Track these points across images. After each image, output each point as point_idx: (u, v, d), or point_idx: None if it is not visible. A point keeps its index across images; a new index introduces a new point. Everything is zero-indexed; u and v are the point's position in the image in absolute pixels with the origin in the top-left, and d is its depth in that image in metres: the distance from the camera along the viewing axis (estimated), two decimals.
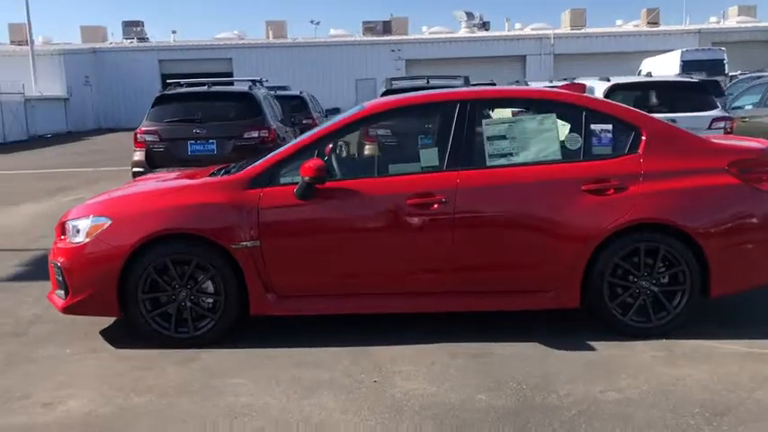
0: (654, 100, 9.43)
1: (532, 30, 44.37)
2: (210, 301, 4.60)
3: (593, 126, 4.66)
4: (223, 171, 5.01)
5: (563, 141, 4.66)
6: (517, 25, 49.83)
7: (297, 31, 65.10)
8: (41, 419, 3.64)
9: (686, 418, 3.45)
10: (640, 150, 4.60)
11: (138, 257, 4.50)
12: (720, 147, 4.78)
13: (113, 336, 4.85)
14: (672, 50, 29.79)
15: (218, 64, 39.99)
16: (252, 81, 10.31)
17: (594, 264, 4.50)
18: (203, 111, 9.49)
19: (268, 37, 45.09)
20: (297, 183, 4.51)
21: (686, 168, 4.59)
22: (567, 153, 4.66)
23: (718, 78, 18.56)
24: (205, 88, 9.97)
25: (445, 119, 4.71)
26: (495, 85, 24.57)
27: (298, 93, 15.77)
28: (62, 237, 4.79)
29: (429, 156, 4.70)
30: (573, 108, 4.75)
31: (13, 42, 45.11)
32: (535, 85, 11.01)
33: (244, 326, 4.77)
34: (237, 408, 3.72)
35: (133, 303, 4.55)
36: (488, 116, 4.70)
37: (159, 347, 4.57)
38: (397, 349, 4.46)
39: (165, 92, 9.80)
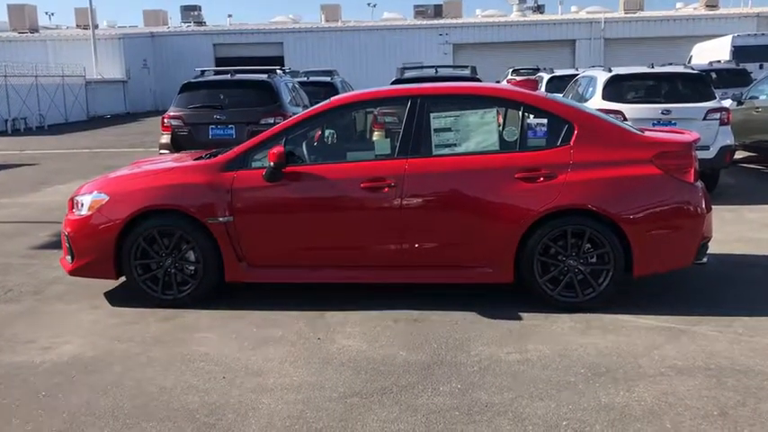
0: None
1: (586, 13, 43.91)
2: (192, 268, 5.33)
3: (529, 120, 5.17)
4: (208, 156, 5.72)
5: (501, 133, 5.20)
6: (573, 8, 49.30)
7: (352, 15, 65.80)
8: (38, 359, 4.44)
9: (568, 377, 4.00)
10: (571, 143, 5.09)
11: (131, 229, 5.26)
12: (647, 140, 5.22)
13: (113, 296, 5.64)
14: (726, 35, 29.20)
15: (269, 48, 41.06)
16: (272, 70, 11.01)
17: (526, 243, 5.04)
18: (225, 98, 10.26)
19: (322, 21, 45.94)
20: (266, 167, 5.18)
21: (613, 159, 5.06)
22: (504, 144, 5.20)
23: (748, 66, 18.23)
24: (228, 76, 10.73)
25: (399, 112, 5.30)
26: (539, 70, 24.70)
27: (329, 79, 16.42)
28: (72, 210, 5.58)
29: (382, 145, 5.31)
30: (512, 104, 5.28)
31: (78, 26, 47.25)
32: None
33: (224, 291, 5.48)
34: (197, 355, 4.44)
35: (127, 268, 5.32)
36: (436, 110, 5.25)
37: (150, 307, 5.33)
38: (349, 314, 5.10)
39: (190, 80, 10.61)
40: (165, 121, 10.23)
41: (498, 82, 32.36)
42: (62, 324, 5.07)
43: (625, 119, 9.40)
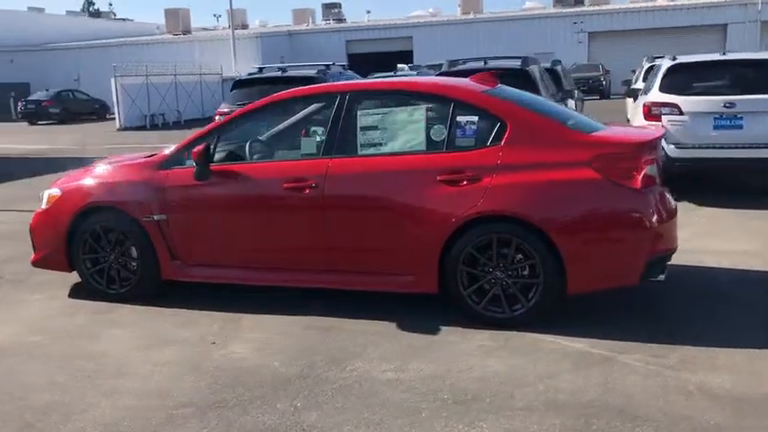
0: None
1: None
2: (135, 264, 5.42)
3: (459, 118, 4.74)
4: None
5: (429, 132, 4.80)
6: None
7: (495, 6, 64.53)
8: None
9: (423, 403, 3.61)
10: (502, 142, 4.60)
11: (78, 224, 5.44)
12: (588, 140, 4.58)
13: (79, 288, 5.79)
14: None
15: (399, 43, 41.32)
16: (327, 65, 11.02)
17: (449, 252, 4.62)
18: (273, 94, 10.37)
19: (466, 13, 45.34)
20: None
21: (547, 161, 4.51)
22: (431, 144, 4.79)
23: None
24: (278, 73, 10.87)
25: (327, 109, 5.06)
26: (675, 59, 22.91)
27: (415, 74, 16.23)
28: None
29: (308, 144, 5.10)
30: (442, 99, 4.85)
31: (230, 27, 50.19)
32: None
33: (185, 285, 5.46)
34: (95, 353, 4.49)
35: (77, 261, 5.52)
36: (364, 107, 4.95)
37: (101, 300, 5.47)
38: (265, 318, 4.95)
39: (242, 77, 10.85)
40: (216, 117, 10.54)
41: (634, 72, 30.30)
42: (7, 313, 5.33)
43: (681, 113, 8.48)
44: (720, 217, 7.79)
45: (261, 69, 11.40)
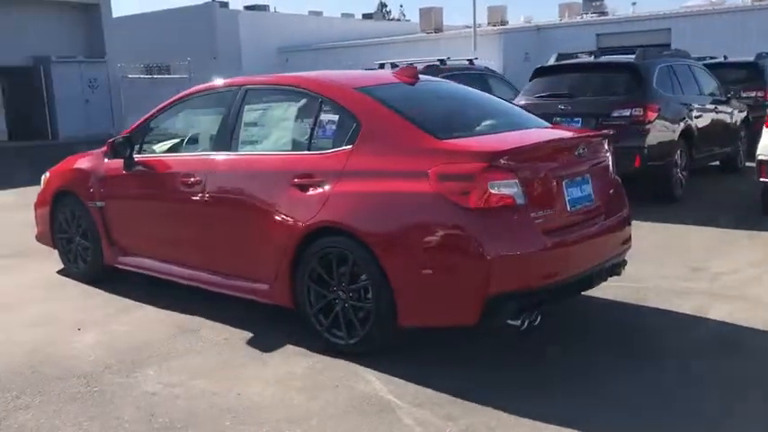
0: None
1: None
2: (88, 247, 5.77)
3: (322, 116, 4.23)
4: None
5: (296, 131, 4.37)
6: None
7: None
8: None
9: (132, 424, 3.34)
10: (354, 145, 4.02)
11: (56, 205, 5.93)
12: (439, 147, 3.74)
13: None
14: None
15: (654, 36, 37.83)
16: (469, 60, 11.02)
17: (298, 264, 4.18)
18: None
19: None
20: None
21: (391, 170, 3.84)
22: (297, 144, 4.37)
23: None
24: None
25: (223, 104, 4.86)
26: None
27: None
28: None
29: (205, 138, 4.96)
30: (312, 96, 4.35)
31: (489, 24, 50.40)
32: None
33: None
34: None
35: (56, 240, 6.03)
36: (251, 103, 4.65)
37: (69, 278, 5.91)
38: (158, 312, 4.94)
39: None
40: None
41: None
42: None
43: None
44: None
45: (381, 66, 11.26)
